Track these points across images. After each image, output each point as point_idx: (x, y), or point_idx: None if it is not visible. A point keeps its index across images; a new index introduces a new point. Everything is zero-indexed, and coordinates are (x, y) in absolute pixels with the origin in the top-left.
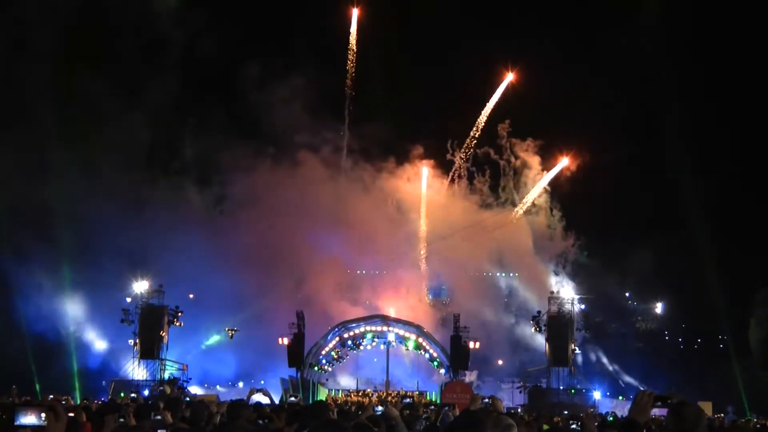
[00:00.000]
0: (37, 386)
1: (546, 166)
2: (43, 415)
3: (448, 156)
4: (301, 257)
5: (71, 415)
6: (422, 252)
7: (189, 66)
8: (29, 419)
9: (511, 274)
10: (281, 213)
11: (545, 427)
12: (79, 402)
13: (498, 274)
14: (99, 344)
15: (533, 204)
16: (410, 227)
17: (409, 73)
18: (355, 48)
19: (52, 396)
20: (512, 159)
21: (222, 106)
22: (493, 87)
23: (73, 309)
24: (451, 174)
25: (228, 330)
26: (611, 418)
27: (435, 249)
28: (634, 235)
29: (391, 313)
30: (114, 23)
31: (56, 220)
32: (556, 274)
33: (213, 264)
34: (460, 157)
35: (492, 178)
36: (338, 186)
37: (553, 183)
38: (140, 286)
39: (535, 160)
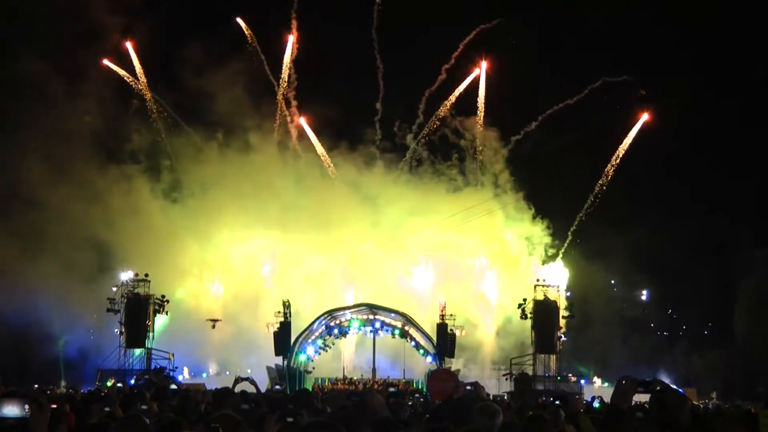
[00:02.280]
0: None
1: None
2: (26, 406)
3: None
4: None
5: (54, 406)
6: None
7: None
8: (13, 410)
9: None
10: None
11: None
12: (64, 392)
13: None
14: (84, 333)
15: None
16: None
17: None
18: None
19: (37, 386)
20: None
21: (166, 91)
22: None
23: (55, 297)
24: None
25: (209, 320)
26: (597, 404)
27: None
28: (620, 222)
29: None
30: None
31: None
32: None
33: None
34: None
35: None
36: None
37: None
38: (126, 276)
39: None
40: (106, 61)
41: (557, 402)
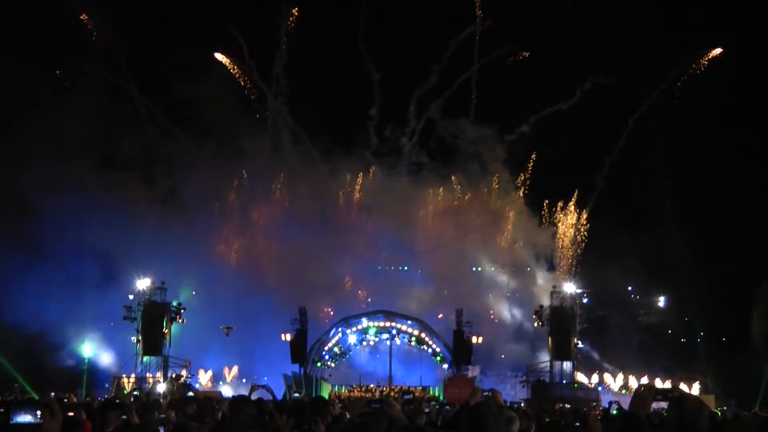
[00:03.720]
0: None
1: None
2: (38, 412)
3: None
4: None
5: (71, 414)
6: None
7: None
8: (25, 417)
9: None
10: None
11: (547, 419)
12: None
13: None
14: (102, 342)
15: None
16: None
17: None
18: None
19: (53, 393)
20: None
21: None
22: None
23: (72, 306)
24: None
25: (224, 328)
26: (615, 411)
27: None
28: (637, 228)
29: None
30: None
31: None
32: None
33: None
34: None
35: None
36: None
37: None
38: (143, 284)
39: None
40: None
41: (576, 424)
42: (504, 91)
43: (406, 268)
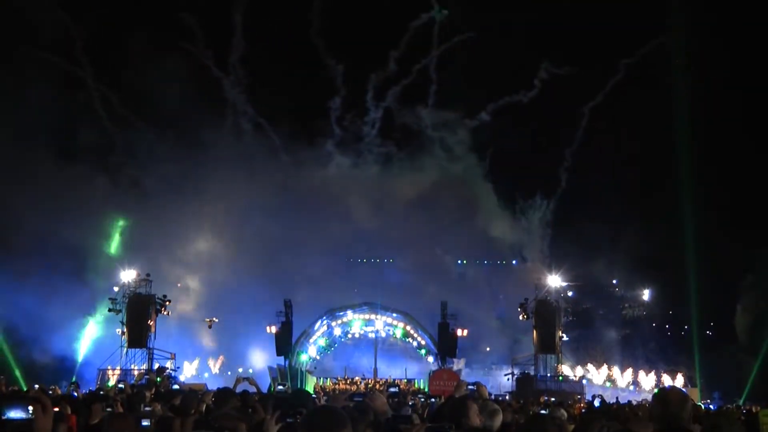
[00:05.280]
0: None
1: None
2: (30, 408)
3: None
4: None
5: (56, 409)
6: None
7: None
8: (17, 413)
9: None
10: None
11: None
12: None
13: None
14: (85, 333)
15: None
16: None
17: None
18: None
19: (37, 386)
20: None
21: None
22: None
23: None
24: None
25: (207, 320)
26: (598, 403)
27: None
28: (621, 222)
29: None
30: None
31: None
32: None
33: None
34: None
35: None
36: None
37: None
38: (127, 275)
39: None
40: None
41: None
42: (464, 78)
43: (392, 260)
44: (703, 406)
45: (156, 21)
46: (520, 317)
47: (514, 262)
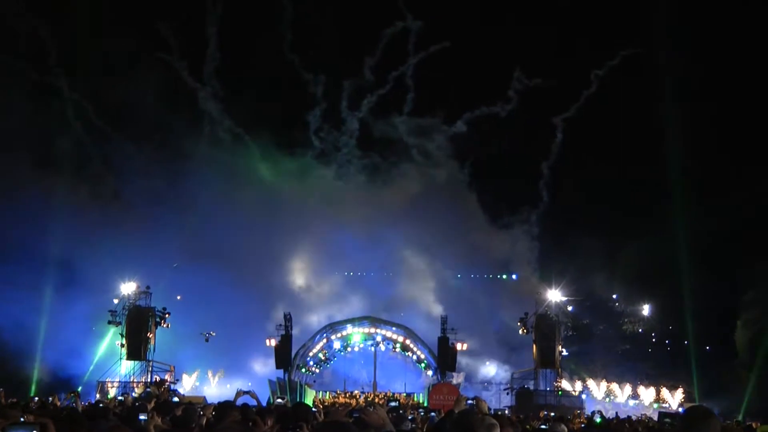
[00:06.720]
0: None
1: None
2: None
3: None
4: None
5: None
6: None
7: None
8: None
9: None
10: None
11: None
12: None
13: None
14: (86, 346)
15: None
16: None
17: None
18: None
19: (36, 398)
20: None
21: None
22: None
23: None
24: None
25: (204, 334)
26: (599, 419)
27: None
28: (621, 237)
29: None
30: None
31: None
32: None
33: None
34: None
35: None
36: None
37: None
38: (127, 288)
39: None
40: None
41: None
42: (440, 86)
43: (390, 274)
44: None
45: (133, 31)
46: (520, 332)
47: (514, 276)
